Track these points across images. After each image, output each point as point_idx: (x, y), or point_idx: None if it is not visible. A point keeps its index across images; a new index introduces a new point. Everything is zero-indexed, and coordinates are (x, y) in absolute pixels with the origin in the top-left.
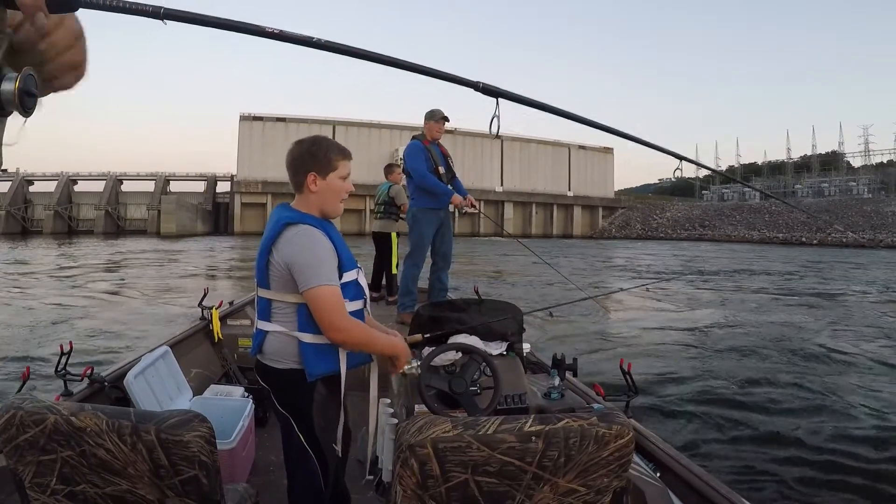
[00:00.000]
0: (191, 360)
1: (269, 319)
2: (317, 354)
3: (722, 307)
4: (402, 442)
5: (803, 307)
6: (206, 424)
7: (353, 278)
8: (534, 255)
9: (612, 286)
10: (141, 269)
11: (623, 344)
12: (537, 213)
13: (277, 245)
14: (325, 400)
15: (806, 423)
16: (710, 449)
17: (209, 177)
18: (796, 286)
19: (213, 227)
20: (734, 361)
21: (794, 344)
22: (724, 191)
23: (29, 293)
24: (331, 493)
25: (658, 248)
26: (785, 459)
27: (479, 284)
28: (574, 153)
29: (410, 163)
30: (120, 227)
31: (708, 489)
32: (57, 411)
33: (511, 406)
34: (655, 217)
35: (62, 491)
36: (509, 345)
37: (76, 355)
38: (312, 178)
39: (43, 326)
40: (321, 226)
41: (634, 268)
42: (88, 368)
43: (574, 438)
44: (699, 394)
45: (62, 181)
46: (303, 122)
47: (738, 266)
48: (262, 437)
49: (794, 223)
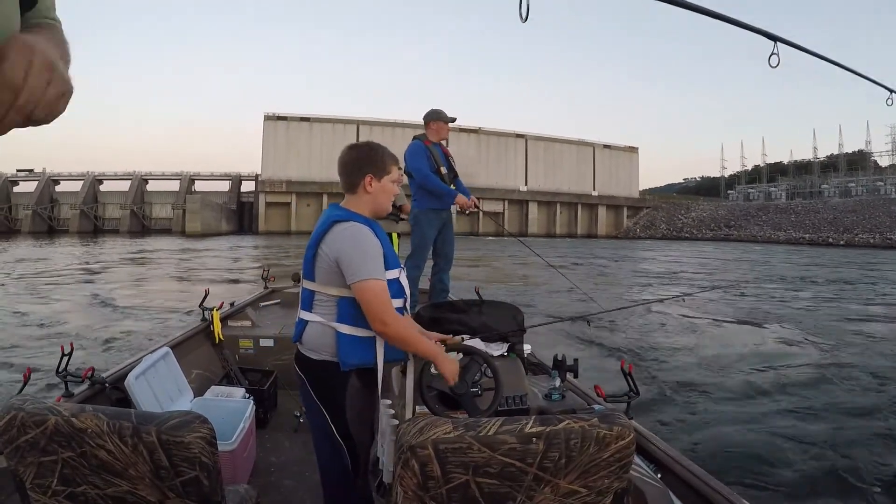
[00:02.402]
0: (191, 362)
1: (310, 309)
2: (351, 345)
3: (741, 312)
4: (403, 443)
5: (817, 312)
6: (207, 425)
7: (396, 277)
8: (565, 262)
9: (642, 296)
10: (154, 269)
11: (627, 346)
12: (562, 212)
13: (326, 240)
14: (358, 393)
15: (807, 423)
16: (710, 450)
17: (234, 176)
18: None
19: (237, 226)
20: (737, 363)
21: (801, 346)
22: (749, 190)
23: (35, 293)
24: (362, 487)
25: (687, 249)
26: (786, 460)
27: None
28: (599, 152)
29: (413, 163)
30: (145, 226)
31: (709, 490)
32: (58, 412)
33: (512, 407)
34: (680, 217)
35: (63, 492)
36: (510, 346)
37: (77, 356)
38: (370, 179)
39: (45, 327)
40: (369, 224)
41: (669, 274)
42: (89, 369)
43: (575, 439)
44: (700, 395)
45: (88, 181)
46: (327, 121)
47: (796, 271)
48: (263, 438)
49: (821, 223)
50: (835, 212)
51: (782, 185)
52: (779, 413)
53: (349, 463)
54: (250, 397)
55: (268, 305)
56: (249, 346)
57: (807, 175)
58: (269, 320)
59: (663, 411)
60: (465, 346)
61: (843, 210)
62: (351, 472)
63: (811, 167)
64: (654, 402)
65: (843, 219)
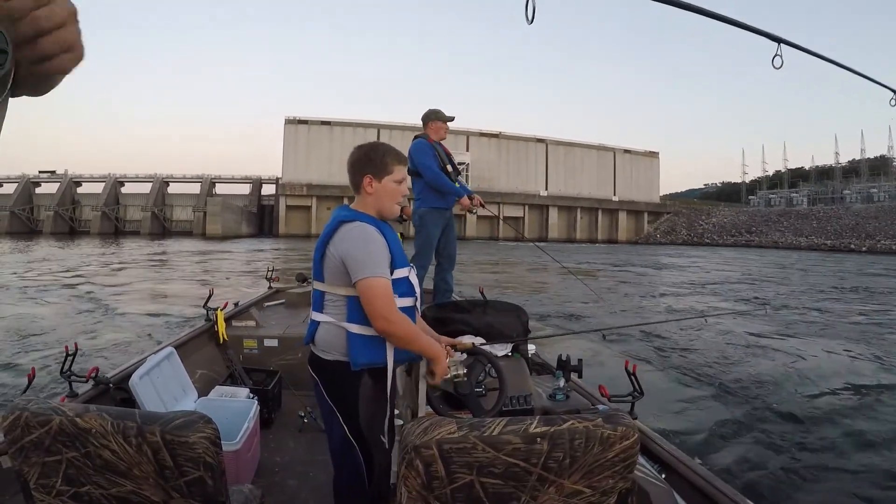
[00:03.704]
0: (196, 362)
1: (321, 310)
2: (362, 344)
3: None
4: (408, 443)
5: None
6: (212, 426)
7: (405, 275)
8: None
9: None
10: (168, 271)
11: (634, 349)
12: (582, 217)
13: (333, 240)
14: (371, 393)
15: (812, 425)
16: (715, 450)
17: (254, 179)
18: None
19: (257, 228)
20: (741, 365)
21: (808, 346)
22: (770, 196)
23: (43, 293)
24: (376, 489)
25: (714, 255)
26: (790, 460)
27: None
28: (619, 157)
29: (422, 160)
30: (166, 228)
31: (713, 490)
32: (62, 412)
33: (516, 407)
34: (701, 222)
35: (67, 492)
36: (514, 346)
37: (81, 357)
38: (368, 180)
39: (50, 327)
40: (375, 224)
41: (713, 283)
42: (93, 370)
43: (579, 440)
44: (704, 395)
45: (109, 183)
46: (347, 125)
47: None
48: (268, 438)
49: (843, 229)
50: (857, 218)
51: (804, 191)
52: (784, 414)
53: (363, 464)
54: (254, 397)
55: (272, 306)
56: (254, 346)
57: (828, 180)
58: (274, 320)
59: (667, 411)
60: (474, 347)
61: (865, 216)
62: (364, 474)
63: (833, 172)
64: (658, 403)
65: (866, 225)
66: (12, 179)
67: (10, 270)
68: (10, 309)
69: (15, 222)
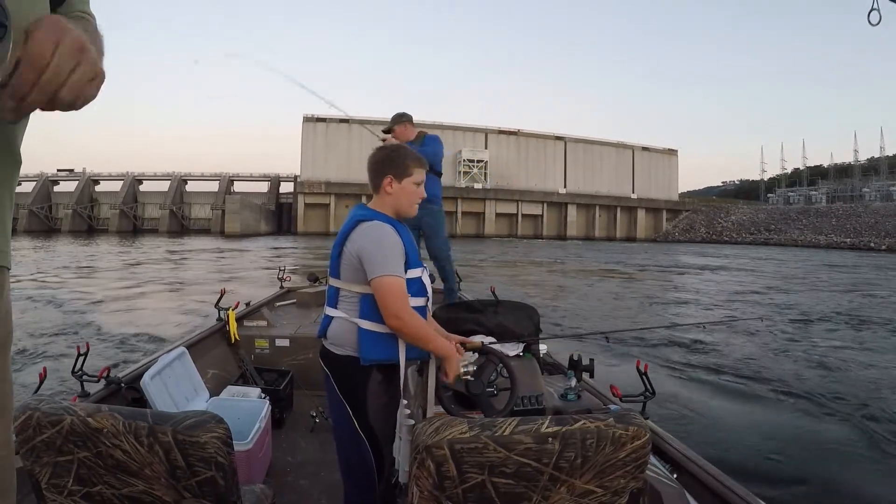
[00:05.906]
0: (207, 362)
1: (335, 306)
2: (372, 341)
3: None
4: (419, 443)
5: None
6: (223, 425)
7: (418, 276)
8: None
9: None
10: (184, 270)
11: (645, 352)
12: (601, 215)
13: (351, 238)
14: (381, 389)
15: (825, 424)
16: (727, 450)
17: (273, 177)
18: None
19: (276, 226)
20: (753, 364)
21: (816, 345)
22: (789, 194)
23: (56, 292)
24: (385, 486)
25: (740, 253)
26: (803, 460)
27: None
28: (638, 155)
29: (437, 151)
30: (184, 226)
31: (725, 490)
32: (74, 412)
33: (528, 407)
34: (720, 220)
35: (79, 492)
36: (526, 346)
37: (92, 356)
38: (389, 180)
39: (61, 326)
40: (392, 224)
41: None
42: (105, 369)
43: (591, 439)
44: (716, 395)
45: (128, 181)
46: (366, 122)
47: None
48: (279, 438)
49: (862, 227)
50: (876, 216)
51: (822, 189)
52: (798, 413)
53: (372, 459)
54: (266, 397)
55: (283, 305)
56: (265, 346)
57: (847, 178)
58: (285, 320)
59: (679, 411)
60: (485, 347)
61: (884, 214)
62: (373, 469)
63: (852, 170)
64: (670, 403)
65: (885, 223)
66: (31, 178)
67: (26, 270)
68: (23, 305)
69: (33, 221)
